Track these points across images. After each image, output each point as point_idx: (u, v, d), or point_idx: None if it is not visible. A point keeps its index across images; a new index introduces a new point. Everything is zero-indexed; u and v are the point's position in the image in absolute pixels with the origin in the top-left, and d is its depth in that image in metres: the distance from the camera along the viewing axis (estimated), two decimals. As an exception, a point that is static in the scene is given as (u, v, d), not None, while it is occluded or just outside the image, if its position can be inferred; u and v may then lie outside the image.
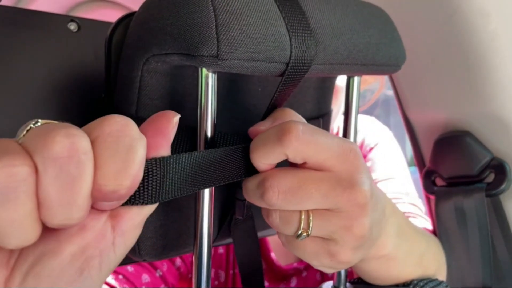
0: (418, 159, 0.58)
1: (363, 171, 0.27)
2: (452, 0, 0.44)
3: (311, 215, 0.27)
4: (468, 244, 0.49)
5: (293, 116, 0.29)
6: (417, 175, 0.59)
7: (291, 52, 0.27)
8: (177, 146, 0.30)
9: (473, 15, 0.44)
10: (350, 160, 0.27)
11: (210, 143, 0.28)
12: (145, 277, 0.59)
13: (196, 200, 0.28)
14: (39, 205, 0.18)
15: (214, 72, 0.27)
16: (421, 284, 0.39)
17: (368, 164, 0.71)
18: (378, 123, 0.79)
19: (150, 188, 0.22)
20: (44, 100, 0.32)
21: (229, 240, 0.38)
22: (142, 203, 0.22)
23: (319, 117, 0.40)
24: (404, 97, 0.55)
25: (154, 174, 0.22)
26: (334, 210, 0.27)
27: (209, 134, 0.28)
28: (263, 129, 0.28)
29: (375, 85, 0.82)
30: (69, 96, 0.33)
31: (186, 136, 0.30)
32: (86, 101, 0.34)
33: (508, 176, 0.47)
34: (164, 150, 0.22)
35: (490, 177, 0.49)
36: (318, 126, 0.40)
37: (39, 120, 0.19)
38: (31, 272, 0.19)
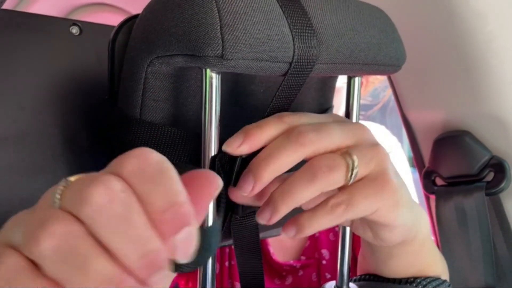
0: (418, 159, 0.58)
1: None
2: (450, 2, 0.45)
3: (348, 151, 0.28)
4: (470, 243, 0.49)
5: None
6: (416, 175, 0.60)
7: (294, 51, 0.27)
8: (182, 148, 0.30)
9: (471, 17, 0.45)
10: (337, 116, 0.32)
11: (215, 144, 0.28)
12: None
13: None
14: (111, 254, 0.17)
15: (218, 72, 0.27)
16: (424, 283, 0.39)
17: None
18: (388, 132, 0.80)
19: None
20: (47, 104, 0.32)
21: (231, 241, 0.38)
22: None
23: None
24: (403, 97, 0.56)
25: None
26: (356, 144, 0.29)
27: (213, 135, 0.28)
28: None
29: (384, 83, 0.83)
30: (72, 99, 0.33)
31: (191, 138, 0.30)
32: (89, 104, 0.34)
33: (508, 175, 0.48)
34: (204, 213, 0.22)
35: (490, 176, 0.49)
36: None
37: (70, 179, 0.19)
38: None
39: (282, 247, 0.69)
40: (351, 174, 0.28)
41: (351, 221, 0.34)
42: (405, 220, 0.31)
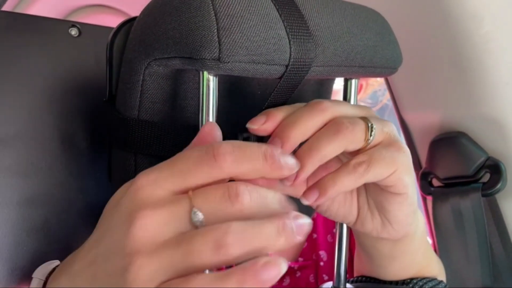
0: (414, 160, 0.59)
1: None
2: (446, 4, 0.45)
3: (364, 116, 0.30)
4: (466, 244, 0.50)
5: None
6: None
7: (290, 54, 0.27)
8: (181, 148, 0.30)
9: (467, 18, 0.45)
10: None
11: None
12: None
13: None
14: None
15: (215, 75, 0.27)
16: (421, 283, 0.39)
17: None
18: None
19: None
20: (46, 105, 0.33)
21: None
22: None
23: None
24: (400, 98, 0.56)
25: None
26: (367, 116, 0.31)
27: None
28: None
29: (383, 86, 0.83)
30: (71, 100, 0.34)
31: (188, 139, 0.30)
32: (88, 105, 0.34)
33: (503, 176, 0.48)
34: None
35: (486, 177, 0.49)
36: None
37: (194, 206, 0.21)
38: None
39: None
40: (371, 133, 0.29)
41: (358, 211, 0.35)
42: (413, 193, 0.32)
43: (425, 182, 0.55)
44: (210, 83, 0.27)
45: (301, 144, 0.29)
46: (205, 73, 0.27)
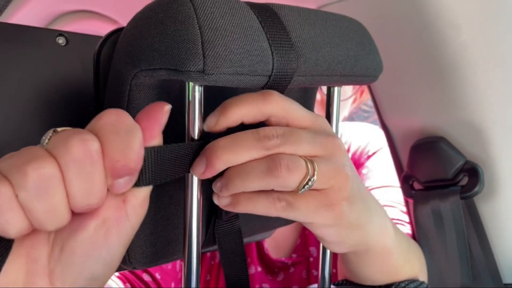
0: (397, 164, 0.60)
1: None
2: (425, 14, 0.46)
3: (313, 160, 0.28)
4: (446, 245, 0.51)
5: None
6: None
7: (273, 65, 0.28)
8: None
9: (445, 28, 0.46)
10: (319, 122, 0.31)
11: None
12: None
13: (184, 206, 0.29)
14: (67, 196, 0.22)
15: (200, 85, 0.28)
16: (403, 285, 0.40)
17: (364, 171, 0.70)
18: (380, 131, 0.80)
19: (147, 171, 0.26)
20: (33, 114, 0.33)
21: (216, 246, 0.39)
22: (141, 185, 0.26)
23: None
24: (382, 104, 0.57)
25: (150, 159, 0.25)
26: (324, 156, 0.29)
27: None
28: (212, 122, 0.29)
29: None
30: (58, 110, 0.34)
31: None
32: (75, 115, 0.35)
33: (481, 179, 0.49)
34: (156, 132, 0.26)
35: (464, 180, 0.51)
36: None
37: (57, 129, 0.24)
38: (66, 246, 0.24)
39: (276, 244, 0.71)
40: (306, 183, 0.28)
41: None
42: (345, 240, 0.32)
43: (406, 185, 0.56)
44: (196, 93, 0.28)
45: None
46: (191, 83, 0.27)
